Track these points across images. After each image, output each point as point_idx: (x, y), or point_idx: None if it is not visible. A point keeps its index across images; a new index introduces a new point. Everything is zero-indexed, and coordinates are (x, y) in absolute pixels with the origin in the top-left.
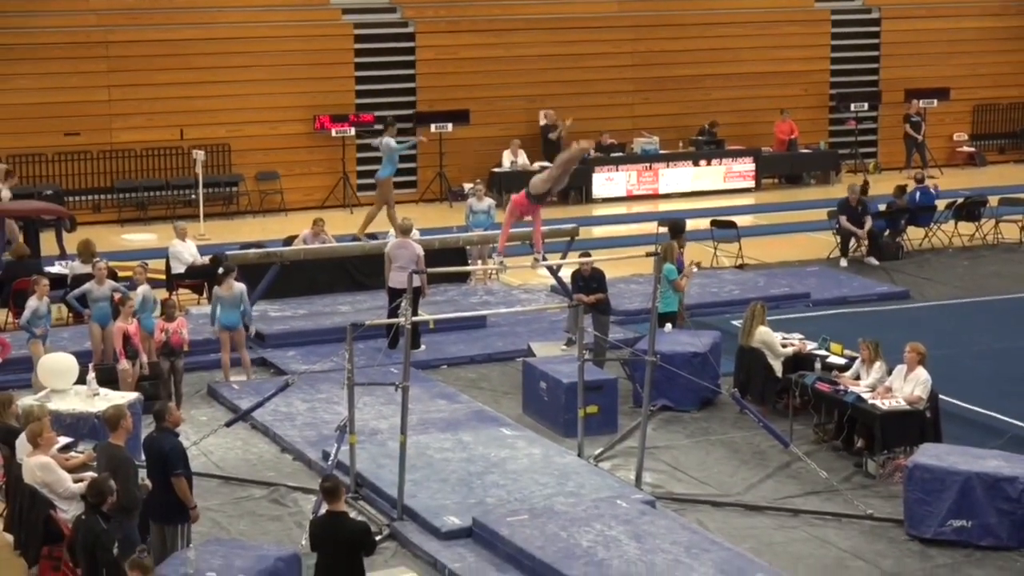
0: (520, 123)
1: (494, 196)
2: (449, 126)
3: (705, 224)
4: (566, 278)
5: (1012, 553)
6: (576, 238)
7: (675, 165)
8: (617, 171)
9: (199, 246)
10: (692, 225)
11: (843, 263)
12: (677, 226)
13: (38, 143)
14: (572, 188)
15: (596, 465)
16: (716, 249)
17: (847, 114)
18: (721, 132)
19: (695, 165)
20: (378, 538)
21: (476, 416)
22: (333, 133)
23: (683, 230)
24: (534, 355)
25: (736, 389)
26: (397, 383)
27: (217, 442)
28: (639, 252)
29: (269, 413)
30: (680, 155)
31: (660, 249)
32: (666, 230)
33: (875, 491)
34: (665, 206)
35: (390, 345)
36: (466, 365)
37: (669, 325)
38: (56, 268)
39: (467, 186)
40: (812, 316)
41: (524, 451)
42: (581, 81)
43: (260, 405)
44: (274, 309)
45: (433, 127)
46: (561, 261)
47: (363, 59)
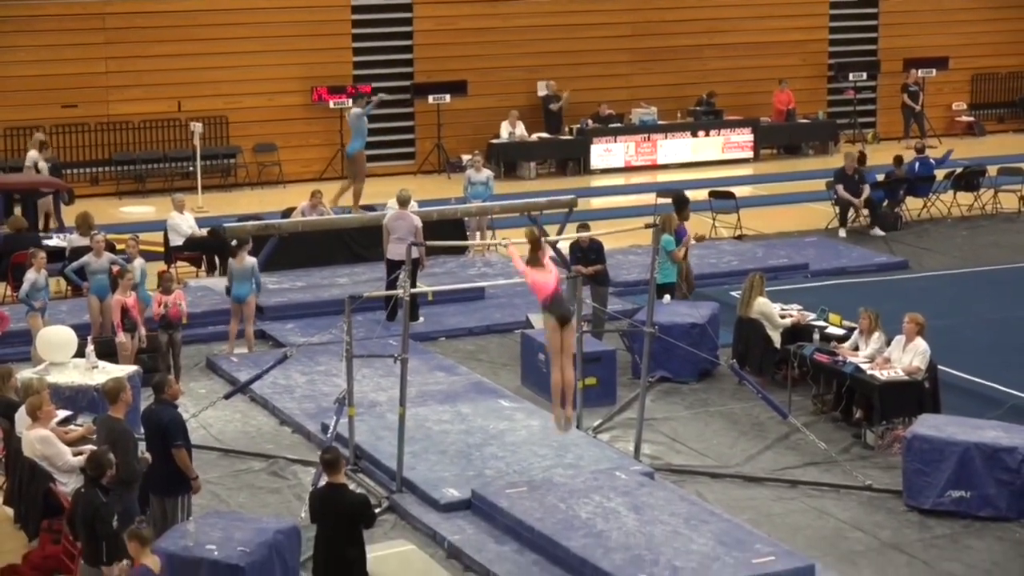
0: (518, 94)
1: (492, 167)
2: (447, 97)
3: (703, 195)
4: (564, 250)
5: (1011, 524)
6: (574, 209)
7: (673, 136)
8: (615, 142)
9: (197, 218)
10: (690, 196)
11: (842, 234)
12: (681, 198)
13: (35, 115)
14: (570, 159)
15: (595, 437)
16: (714, 220)
17: (846, 84)
18: (719, 102)
19: (693, 136)
20: (377, 510)
21: (475, 388)
22: (331, 105)
23: (687, 202)
24: (532, 327)
25: (735, 360)
26: (396, 355)
27: (216, 415)
28: (637, 223)
29: (268, 385)
30: (678, 126)
31: (658, 220)
32: (666, 201)
33: (874, 462)
34: (663, 177)
35: (388, 317)
36: (464, 337)
37: (668, 296)
38: (54, 241)
39: (465, 157)
40: (810, 287)
41: (523, 423)
42: (579, 52)
43: (259, 377)
44: (272, 281)
45: (431, 98)
46: (559, 237)
47: (361, 30)
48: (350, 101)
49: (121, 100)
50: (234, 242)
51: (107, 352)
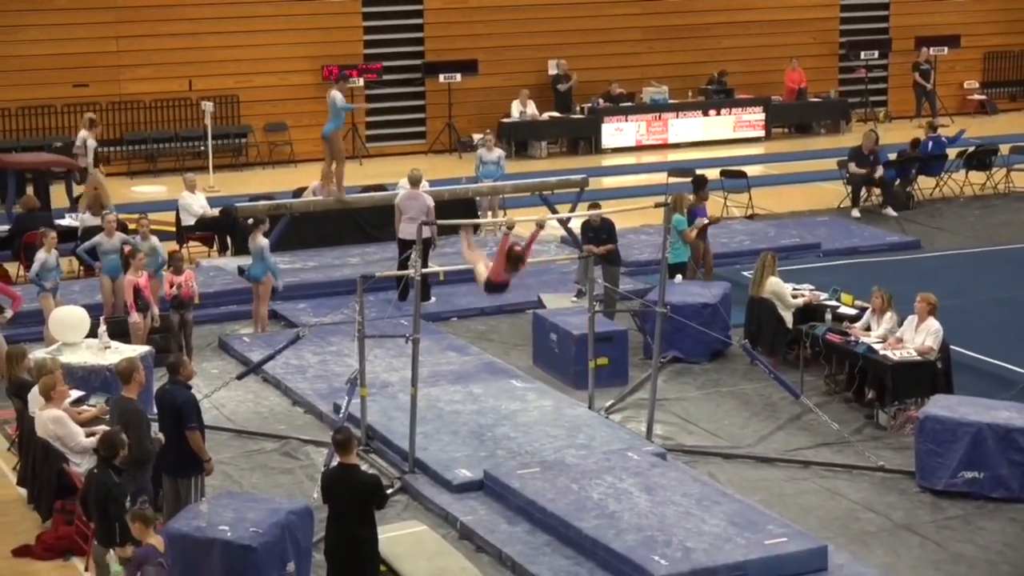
0: (529, 73)
1: (503, 147)
2: (458, 76)
3: (715, 174)
4: (576, 229)
5: (1023, 505)
6: (585, 189)
7: (684, 115)
8: (626, 121)
9: (209, 198)
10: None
11: (855, 214)
12: (700, 180)
13: (47, 95)
14: (581, 139)
15: (607, 417)
16: (726, 199)
17: (857, 62)
18: (731, 81)
19: (704, 115)
20: (389, 491)
21: (487, 368)
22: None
23: (705, 183)
24: (544, 307)
25: (746, 340)
26: (407, 335)
27: (228, 395)
28: (649, 203)
29: (280, 366)
30: (689, 104)
31: (670, 199)
32: (678, 180)
33: (886, 443)
34: (674, 156)
35: (400, 297)
36: (476, 317)
37: (679, 276)
38: (66, 220)
39: (476, 137)
40: (822, 266)
41: (535, 403)
42: (590, 30)
43: (271, 358)
44: (284, 261)
45: (442, 77)
46: (571, 215)
47: (371, 8)
48: (360, 80)
49: (132, 79)
50: (249, 221)
51: (119, 332)
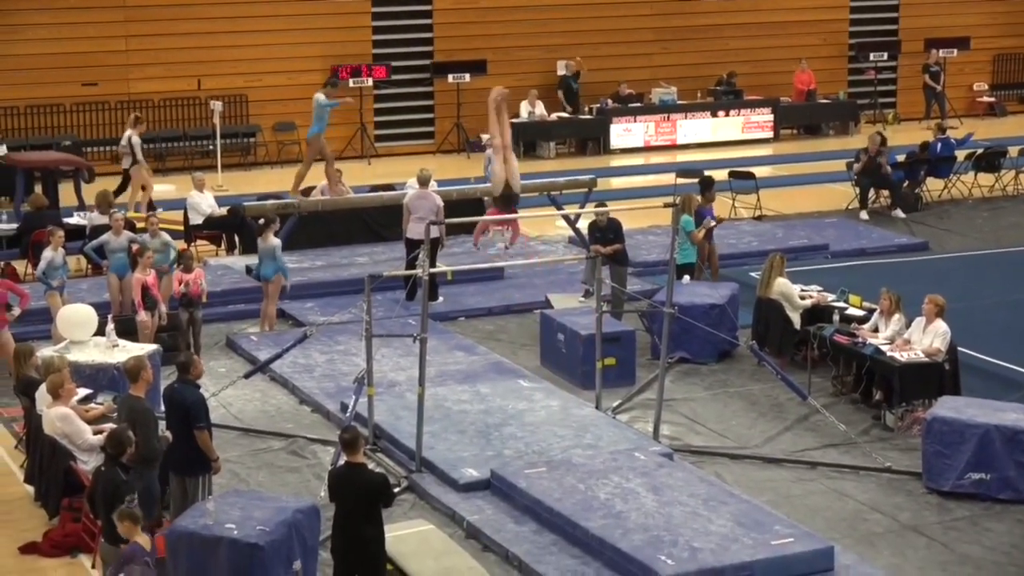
0: (538, 73)
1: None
2: (467, 76)
3: (723, 175)
4: (583, 229)
5: None
6: (593, 189)
7: (693, 116)
8: (635, 122)
9: (217, 197)
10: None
11: (863, 215)
12: (707, 181)
13: (56, 93)
14: (590, 139)
15: (614, 417)
16: (734, 200)
17: (866, 64)
18: (739, 82)
19: (713, 116)
20: (396, 490)
21: (494, 368)
22: (350, 83)
23: (712, 184)
24: (552, 307)
25: (754, 341)
26: (415, 335)
27: (236, 394)
28: (657, 203)
29: (288, 365)
30: (698, 105)
31: (678, 200)
32: (686, 181)
33: (893, 444)
34: (683, 157)
35: (408, 297)
36: (484, 317)
37: (687, 277)
38: (75, 219)
39: (485, 137)
40: (831, 268)
41: (542, 403)
42: (599, 31)
43: (279, 357)
44: (292, 261)
45: (451, 77)
46: (579, 211)
47: (380, 8)
48: (369, 80)
49: (141, 78)
50: (261, 221)
51: (127, 330)
